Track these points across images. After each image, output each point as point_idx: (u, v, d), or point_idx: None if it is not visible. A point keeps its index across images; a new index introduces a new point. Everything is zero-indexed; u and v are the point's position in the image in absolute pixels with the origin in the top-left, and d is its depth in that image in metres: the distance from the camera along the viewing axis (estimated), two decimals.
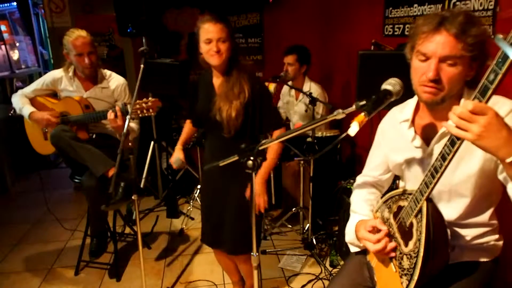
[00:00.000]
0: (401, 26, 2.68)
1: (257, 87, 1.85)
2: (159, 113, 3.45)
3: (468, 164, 1.16)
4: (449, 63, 1.08)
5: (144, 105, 2.04)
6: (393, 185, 2.02)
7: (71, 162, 2.35)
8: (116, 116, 2.05)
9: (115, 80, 2.53)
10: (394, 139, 1.37)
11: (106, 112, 2.18)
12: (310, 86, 3.14)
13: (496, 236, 1.27)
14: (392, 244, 1.20)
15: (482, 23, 1.11)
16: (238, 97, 1.79)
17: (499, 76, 0.84)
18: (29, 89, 2.49)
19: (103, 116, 2.28)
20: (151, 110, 2.05)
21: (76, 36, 2.30)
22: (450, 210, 1.21)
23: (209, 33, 1.74)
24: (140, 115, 2.05)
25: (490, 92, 0.87)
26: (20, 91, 2.50)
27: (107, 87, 2.50)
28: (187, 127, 2.17)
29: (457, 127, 0.90)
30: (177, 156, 2.06)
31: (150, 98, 2.06)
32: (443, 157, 0.99)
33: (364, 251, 1.43)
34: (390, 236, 1.24)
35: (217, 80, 1.90)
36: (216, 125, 1.85)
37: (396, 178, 1.56)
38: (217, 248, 2.08)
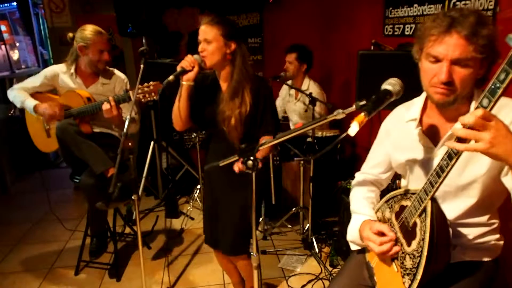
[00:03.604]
0: (401, 26, 2.68)
1: (261, 92, 1.82)
2: (159, 113, 3.47)
3: (477, 165, 1.15)
4: (461, 64, 1.07)
5: (146, 89, 2.08)
6: (394, 185, 2.02)
7: (71, 158, 2.34)
8: (111, 106, 2.15)
9: (116, 76, 2.55)
10: (399, 138, 1.36)
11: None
12: (309, 85, 3.14)
13: (497, 236, 1.27)
14: (396, 248, 1.20)
15: (491, 23, 1.10)
16: (239, 107, 1.77)
17: (510, 76, 0.83)
18: (28, 84, 2.42)
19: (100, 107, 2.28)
20: (153, 94, 2.12)
21: (98, 32, 2.35)
22: (452, 209, 1.21)
23: (199, 33, 1.76)
24: (143, 100, 2.12)
25: (500, 91, 0.86)
26: (17, 85, 2.42)
27: (108, 83, 2.51)
28: None
29: (467, 138, 0.89)
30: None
31: (151, 82, 2.10)
32: (449, 156, 0.98)
33: (363, 250, 1.43)
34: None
35: (223, 84, 1.88)
36: (223, 131, 1.84)
37: (397, 177, 1.55)
38: (216, 248, 2.08)
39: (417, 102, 1.31)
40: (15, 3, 5.35)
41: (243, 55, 1.81)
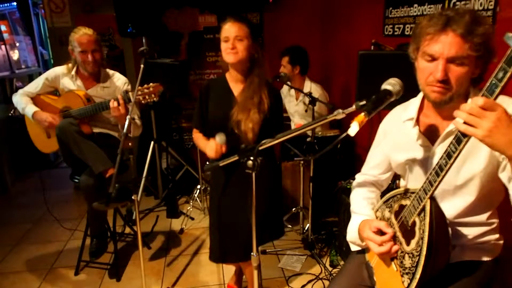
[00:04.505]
0: (401, 26, 2.68)
1: (274, 97, 1.82)
2: (159, 113, 3.47)
3: (473, 163, 1.16)
4: (457, 63, 1.08)
5: (146, 90, 2.08)
6: (393, 185, 2.03)
7: (71, 158, 2.35)
8: (118, 104, 2.13)
9: (117, 79, 2.55)
10: (397, 139, 1.36)
11: (108, 102, 2.20)
12: (311, 87, 3.15)
13: (497, 236, 1.27)
14: (396, 247, 1.20)
15: (487, 22, 1.10)
16: (257, 107, 1.75)
17: (508, 74, 0.84)
18: (31, 88, 2.48)
19: (106, 107, 2.29)
20: (153, 95, 2.11)
21: (82, 33, 2.34)
22: (451, 208, 1.21)
23: (227, 31, 1.75)
24: (143, 102, 2.11)
25: (498, 90, 0.86)
26: (21, 90, 2.49)
27: (108, 87, 2.51)
28: (201, 137, 1.95)
29: (466, 123, 0.89)
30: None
31: (151, 84, 2.09)
32: (448, 155, 0.98)
33: (363, 250, 1.43)
34: (393, 237, 1.24)
35: (235, 86, 1.85)
36: (234, 135, 1.79)
37: (396, 177, 1.55)
38: (228, 262, 2.08)
39: (414, 102, 1.31)
40: (15, 3, 5.35)
41: (259, 51, 1.82)
